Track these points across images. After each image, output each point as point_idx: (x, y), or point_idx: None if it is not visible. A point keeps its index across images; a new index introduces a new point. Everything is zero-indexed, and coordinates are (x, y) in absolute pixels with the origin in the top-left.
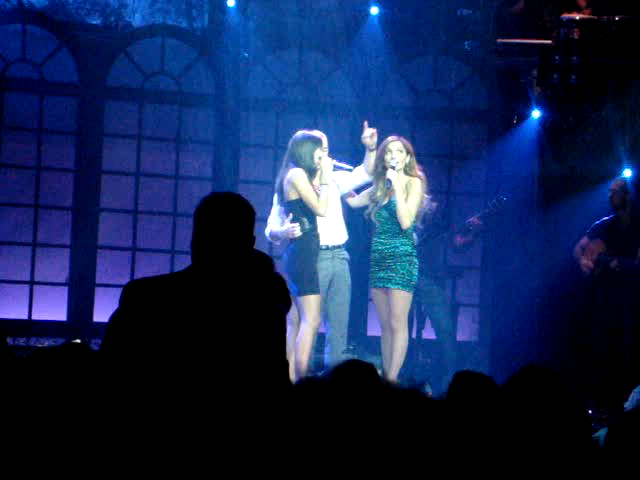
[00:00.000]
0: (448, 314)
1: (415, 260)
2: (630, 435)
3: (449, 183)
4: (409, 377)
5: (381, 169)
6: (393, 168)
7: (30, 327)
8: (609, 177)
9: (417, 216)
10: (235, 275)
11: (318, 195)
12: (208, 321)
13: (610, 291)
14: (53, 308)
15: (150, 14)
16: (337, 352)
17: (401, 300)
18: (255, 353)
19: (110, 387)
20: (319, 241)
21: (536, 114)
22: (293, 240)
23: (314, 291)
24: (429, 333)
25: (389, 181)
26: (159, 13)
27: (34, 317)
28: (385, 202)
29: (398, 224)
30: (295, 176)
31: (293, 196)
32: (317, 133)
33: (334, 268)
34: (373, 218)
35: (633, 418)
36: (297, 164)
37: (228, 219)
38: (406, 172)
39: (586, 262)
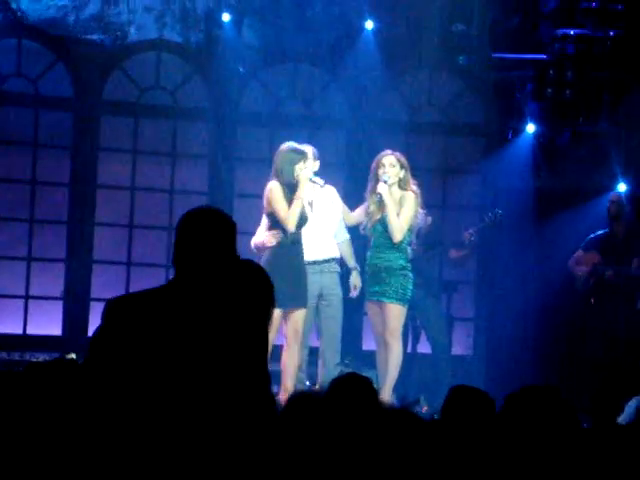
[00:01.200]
0: (443, 328)
1: (409, 274)
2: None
3: (444, 197)
4: (402, 395)
5: (374, 183)
6: (385, 182)
7: (25, 341)
8: (603, 191)
9: (411, 230)
10: (216, 288)
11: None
12: (189, 335)
13: (604, 303)
14: (48, 322)
15: (146, 29)
16: (329, 366)
17: (395, 314)
18: (235, 365)
19: (93, 402)
20: (301, 255)
21: (531, 128)
22: (268, 251)
23: (279, 305)
24: (424, 347)
25: (380, 195)
26: (155, 28)
27: (29, 331)
28: (379, 216)
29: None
30: (270, 189)
31: (269, 208)
32: (304, 147)
33: (322, 282)
34: (368, 232)
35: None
36: (277, 176)
37: (208, 233)
38: (400, 186)
39: (581, 269)
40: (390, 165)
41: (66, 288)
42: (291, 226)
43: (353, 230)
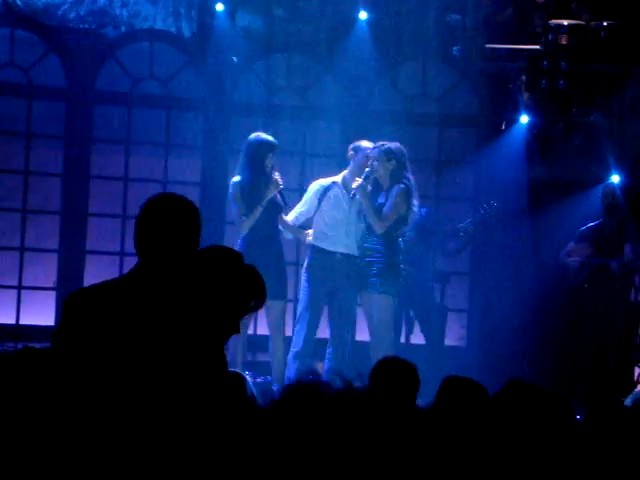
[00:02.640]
0: (437, 319)
1: (398, 265)
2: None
3: (437, 188)
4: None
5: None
6: (366, 177)
7: (18, 332)
8: (597, 182)
9: (405, 222)
10: (176, 277)
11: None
12: (148, 325)
13: (598, 293)
14: (41, 313)
15: (139, 19)
16: (337, 358)
17: (381, 305)
18: (191, 353)
19: (59, 392)
20: (276, 248)
21: (524, 119)
22: (240, 243)
23: None
24: (418, 338)
25: (354, 192)
26: (148, 18)
27: (22, 322)
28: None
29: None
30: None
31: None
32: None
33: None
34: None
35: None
36: (248, 168)
37: (170, 220)
38: (392, 178)
39: (573, 259)
40: (374, 159)
41: (59, 278)
42: (244, 229)
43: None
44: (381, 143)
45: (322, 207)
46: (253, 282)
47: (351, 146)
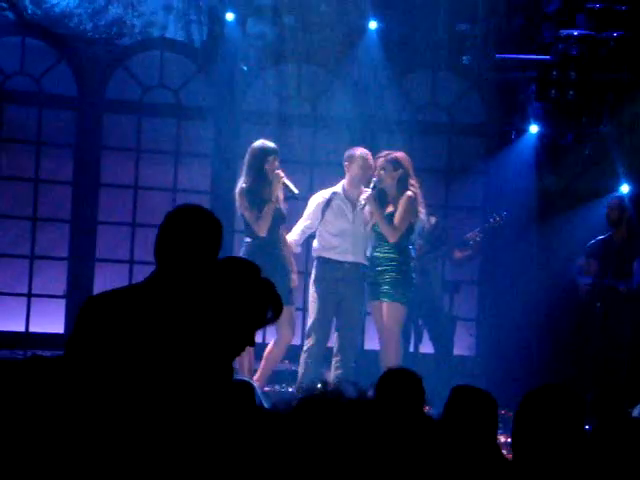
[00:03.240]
0: (446, 328)
1: (410, 274)
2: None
3: (447, 197)
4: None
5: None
6: (374, 188)
7: (28, 339)
8: (606, 192)
9: (413, 230)
10: (192, 288)
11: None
12: (162, 334)
13: (608, 311)
14: (51, 320)
15: (149, 27)
16: (346, 367)
17: (393, 313)
18: (202, 364)
19: (69, 400)
20: (277, 254)
21: (534, 129)
22: (243, 250)
23: None
24: (427, 347)
25: (364, 202)
26: (158, 27)
27: (31, 329)
28: (374, 219)
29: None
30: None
31: (239, 211)
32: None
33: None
34: (370, 231)
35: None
36: (247, 175)
37: (194, 231)
38: (398, 187)
39: (584, 279)
40: (380, 169)
41: (69, 286)
42: (261, 231)
43: None
44: (387, 153)
45: (326, 218)
46: (269, 294)
47: (345, 155)
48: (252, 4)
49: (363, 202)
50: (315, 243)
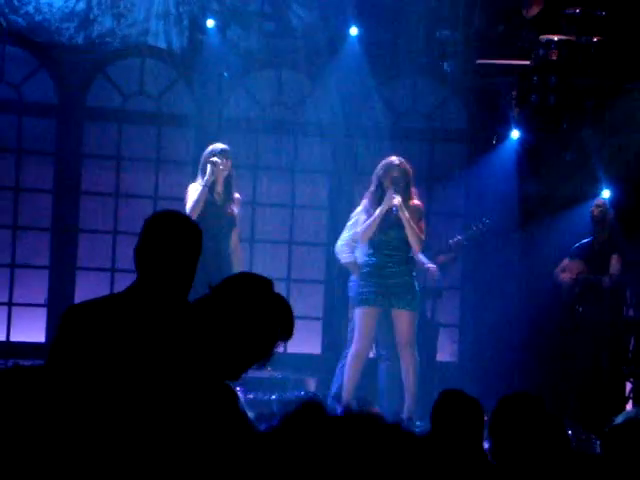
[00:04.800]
0: (429, 335)
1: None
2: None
3: (429, 203)
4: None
5: (380, 192)
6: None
7: (8, 348)
8: (588, 198)
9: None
10: (174, 295)
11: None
12: (145, 344)
13: (590, 311)
14: (32, 329)
15: (129, 35)
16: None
17: (413, 321)
18: (188, 379)
19: (51, 410)
20: (211, 252)
21: (515, 134)
22: None
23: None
24: None
25: (396, 207)
26: (139, 34)
27: (12, 338)
28: (391, 227)
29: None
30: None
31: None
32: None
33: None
34: (373, 237)
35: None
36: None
37: (174, 238)
38: (407, 196)
39: (565, 277)
40: (397, 173)
41: (50, 295)
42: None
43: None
44: (396, 158)
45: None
46: (282, 312)
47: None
48: (233, 11)
49: (397, 205)
50: (359, 253)
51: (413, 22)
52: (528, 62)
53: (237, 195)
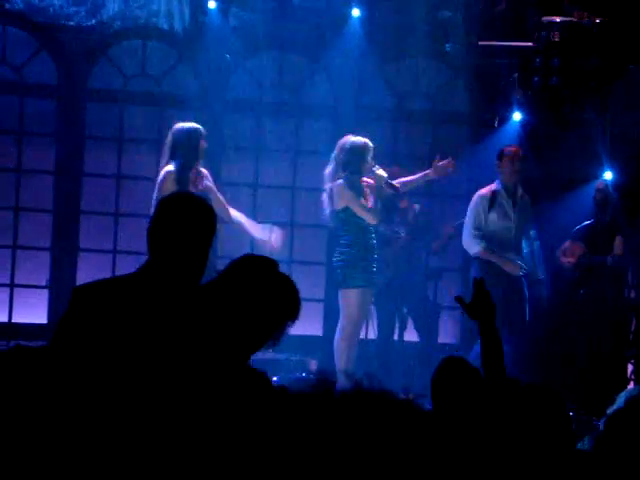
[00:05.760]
0: (430, 316)
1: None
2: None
3: (430, 185)
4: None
5: (363, 168)
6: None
7: (10, 330)
8: (590, 179)
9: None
10: (186, 282)
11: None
12: (151, 327)
13: (591, 293)
14: (34, 311)
15: (131, 16)
16: None
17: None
18: (198, 362)
19: (54, 388)
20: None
21: (517, 116)
22: None
23: None
24: (411, 335)
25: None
26: (141, 15)
27: (14, 320)
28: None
29: None
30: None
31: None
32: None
33: None
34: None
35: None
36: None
37: (187, 220)
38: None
39: (567, 259)
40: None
41: (52, 276)
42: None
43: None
44: (356, 137)
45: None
46: (288, 293)
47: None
48: None
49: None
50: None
51: (415, 3)
52: (530, 43)
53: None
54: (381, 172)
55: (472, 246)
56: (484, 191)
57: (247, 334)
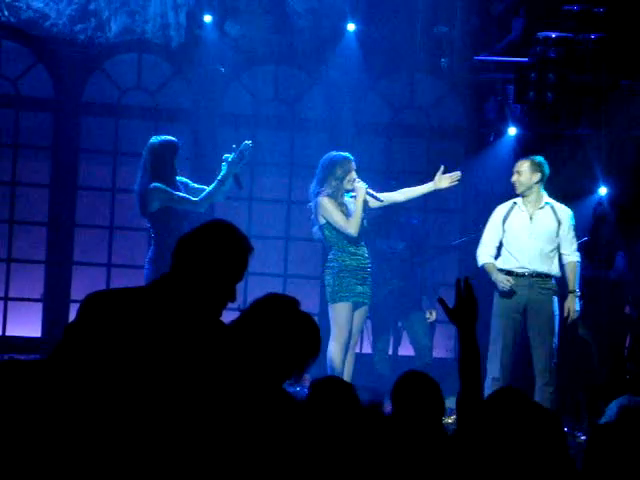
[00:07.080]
0: (425, 331)
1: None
2: (605, 448)
3: (426, 200)
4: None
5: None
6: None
7: (4, 343)
8: (585, 195)
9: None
10: (207, 306)
11: None
12: (160, 346)
13: (590, 307)
14: (28, 324)
15: (127, 30)
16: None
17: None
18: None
19: (48, 401)
20: None
21: (512, 131)
22: None
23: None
24: (406, 350)
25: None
26: (136, 29)
27: (8, 333)
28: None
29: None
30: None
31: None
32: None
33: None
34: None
35: (607, 431)
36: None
37: (220, 248)
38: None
39: None
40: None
41: (46, 289)
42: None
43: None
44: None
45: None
46: (310, 332)
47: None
48: (230, 6)
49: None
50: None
51: (410, 18)
52: (526, 59)
53: None
54: (362, 184)
55: (478, 257)
56: (506, 202)
57: (270, 371)
